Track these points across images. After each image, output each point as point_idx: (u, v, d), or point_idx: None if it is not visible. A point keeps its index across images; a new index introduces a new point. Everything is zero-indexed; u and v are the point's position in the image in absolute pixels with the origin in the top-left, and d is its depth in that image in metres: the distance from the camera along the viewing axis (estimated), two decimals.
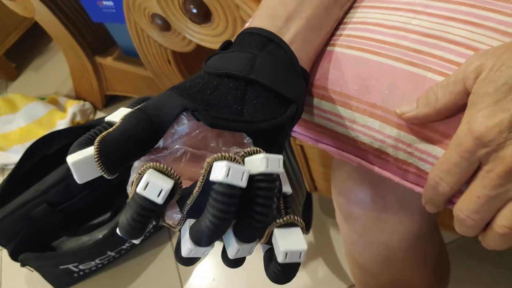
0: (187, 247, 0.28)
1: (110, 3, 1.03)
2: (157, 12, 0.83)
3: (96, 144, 0.28)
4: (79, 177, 0.29)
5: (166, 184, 0.26)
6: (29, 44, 1.99)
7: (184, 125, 0.33)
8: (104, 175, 0.29)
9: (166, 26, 0.86)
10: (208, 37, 0.67)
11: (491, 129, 0.28)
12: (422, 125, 0.35)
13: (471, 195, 0.30)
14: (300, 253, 0.28)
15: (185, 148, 0.33)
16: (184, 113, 0.33)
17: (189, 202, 0.29)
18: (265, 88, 0.35)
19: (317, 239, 1.04)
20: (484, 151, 0.29)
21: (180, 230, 0.30)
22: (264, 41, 0.37)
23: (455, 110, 0.32)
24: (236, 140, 0.35)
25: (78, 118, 1.50)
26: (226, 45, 0.39)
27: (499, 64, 0.29)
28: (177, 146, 0.33)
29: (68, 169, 1.06)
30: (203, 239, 0.27)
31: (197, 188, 0.28)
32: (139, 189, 0.26)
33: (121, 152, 0.29)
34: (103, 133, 0.29)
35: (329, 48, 0.41)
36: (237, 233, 0.29)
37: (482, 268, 0.87)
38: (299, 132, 0.45)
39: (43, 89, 1.75)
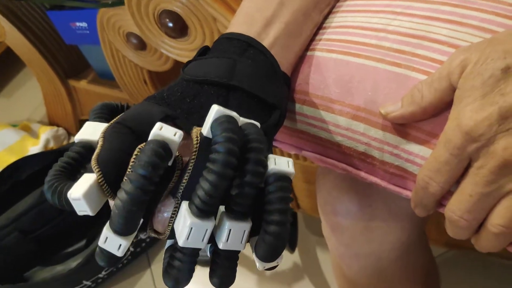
0: (186, 224, 0.25)
1: (84, 24, 1.02)
2: (132, 30, 0.82)
3: (97, 167, 0.27)
4: (92, 208, 0.26)
5: (179, 130, 0.26)
6: (1, 70, 1.95)
7: None
8: (110, 199, 0.27)
9: (141, 45, 0.84)
10: (186, 51, 0.66)
11: (480, 123, 0.28)
12: (407, 125, 0.34)
13: (463, 194, 0.29)
14: (288, 162, 0.29)
15: None
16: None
17: (187, 175, 0.27)
18: (247, 94, 0.33)
19: (303, 259, 1.02)
20: (474, 146, 0.28)
21: (172, 226, 0.28)
22: (243, 46, 0.36)
23: (441, 107, 0.32)
24: None
25: (51, 144, 1.45)
26: (203, 51, 0.38)
27: (484, 57, 0.29)
28: None
29: (41, 195, 1.02)
30: (205, 201, 0.25)
31: (194, 145, 0.27)
32: (155, 129, 0.26)
33: (120, 170, 0.27)
34: (94, 156, 0.27)
35: (309, 53, 0.40)
36: (228, 206, 0.27)
37: (471, 280, 0.85)
38: (280, 141, 0.44)
39: (15, 115, 1.70)
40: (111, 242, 0.26)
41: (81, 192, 0.25)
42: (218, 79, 0.33)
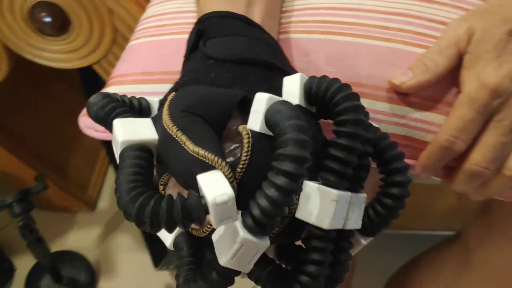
0: (331, 197, 0.22)
1: None
2: None
3: (219, 161, 0.20)
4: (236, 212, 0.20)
5: None
6: None
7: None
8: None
9: None
10: (61, 54, 0.54)
11: (503, 79, 0.31)
12: (411, 94, 0.35)
13: (487, 146, 0.32)
14: None
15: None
16: None
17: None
18: (283, 74, 0.30)
19: None
20: (499, 101, 0.32)
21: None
22: (244, 25, 0.32)
23: (449, 73, 0.34)
24: None
25: None
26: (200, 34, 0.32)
27: (489, 24, 0.33)
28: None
29: None
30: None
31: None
32: (269, 98, 0.23)
33: None
34: (202, 150, 0.21)
35: (282, 36, 0.39)
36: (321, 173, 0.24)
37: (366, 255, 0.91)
38: None
39: None
40: (248, 250, 0.20)
41: (228, 190, 0.18)
42: (259, 58, 0.29)
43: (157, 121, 0.24)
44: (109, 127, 0.25)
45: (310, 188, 0.23)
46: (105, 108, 0.25)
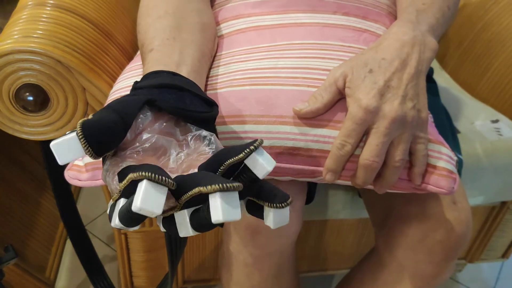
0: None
1: None
2: None
3: (79, 126, 0.35)
4: (61, 158, 0.35)
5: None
6: None
7: (147, 115, 0.40)
8: (89, 155, 0.35)
9: None
10: (39, 127, 0.64)
11: (371, 100, 0.47)
12: (317, 118, 0.50)
13: (371, 145, 0.48)
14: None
15: (156, 135, 0.40)
16: (146, 106, 0.40)
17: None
18: (194, 94, 0.44)
19: None
20: (371, 115, 0.47)
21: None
22: (169, 74, 0.46)
23: (334, 103, 0.50)
24: (187, 129, 0.43)
25: None
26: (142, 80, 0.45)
27: (355, 69, 0.49)
28: (145, 136, 0.40)
29: None
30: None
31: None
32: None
33: (103, 133, 0.36)
34: (82, 119, 0.35)
35: (223, 90, 0.53)
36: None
37: None
38: None
39: None
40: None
41: (54, 142, 0.35)
42: (173, 83, 0.43)
43: None
44: None
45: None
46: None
